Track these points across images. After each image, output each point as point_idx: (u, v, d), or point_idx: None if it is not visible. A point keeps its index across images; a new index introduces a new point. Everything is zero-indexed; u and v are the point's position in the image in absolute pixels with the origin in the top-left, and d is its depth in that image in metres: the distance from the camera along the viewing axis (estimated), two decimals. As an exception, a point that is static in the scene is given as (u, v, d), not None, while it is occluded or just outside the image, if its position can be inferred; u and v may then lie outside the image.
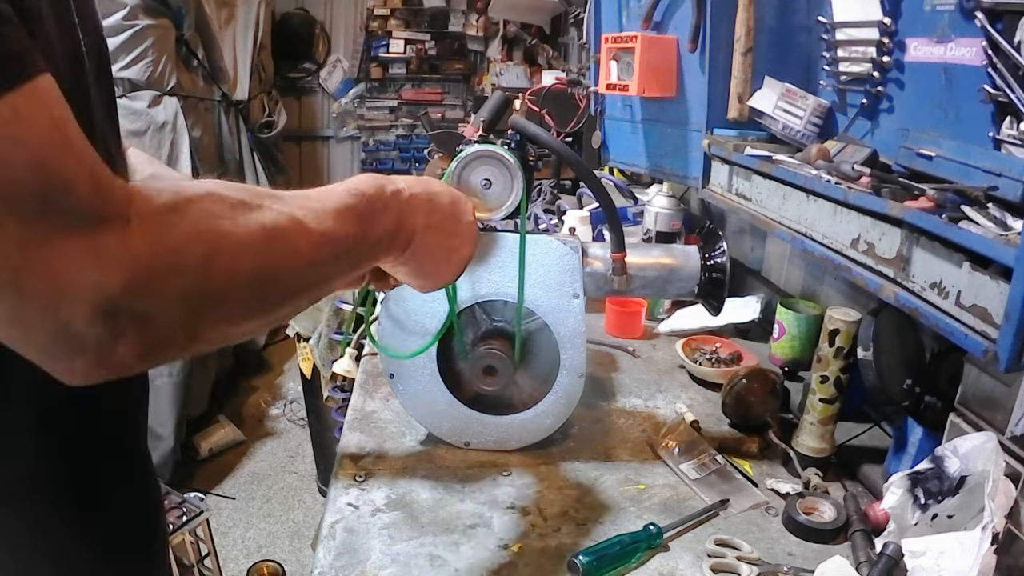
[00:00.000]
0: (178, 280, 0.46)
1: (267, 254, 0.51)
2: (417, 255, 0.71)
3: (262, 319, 0.54)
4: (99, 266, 0.42)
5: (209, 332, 0.50)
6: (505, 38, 4.93)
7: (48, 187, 0.41)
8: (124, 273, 0.43)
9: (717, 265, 1.00)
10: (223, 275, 0.48)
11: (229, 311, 0.51)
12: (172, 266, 0.46)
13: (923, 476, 0.82)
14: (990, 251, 0.71)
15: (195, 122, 3.19)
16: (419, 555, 0.86)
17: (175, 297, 0.46)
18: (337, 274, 0.61)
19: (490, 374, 0.99)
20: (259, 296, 0.52)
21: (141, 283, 0.44)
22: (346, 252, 0.60)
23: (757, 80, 1.27)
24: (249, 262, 0.50)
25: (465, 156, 0.91)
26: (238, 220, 0.49)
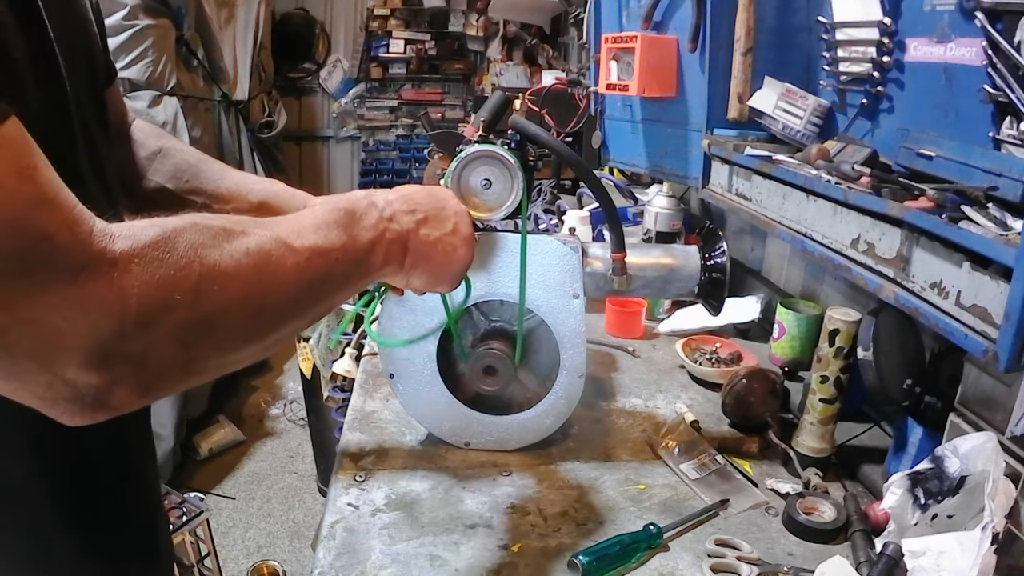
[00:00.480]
0: (170, 317, 0.45)
1: (256, 278, 0.51)
2: (419, 258, 0.70)
3: (257, 345, 0.54)
4: (88, 315, 0.42)
5: (204, 364, 0.50)
6: (505, 38, 4.93)
7: (26, 244, 0.40)
8: (115, 318, 0.43)
9: (717, 265, 1.00)
10: (214, 305, 0.48)
11: (223, 341, 0.50)
12: (163, 303, 0.45)
13: (923, 476, 0.82)
14: (990, 251, 0.71)
15: (195, 122, 3.19)
16: (419, 555, 0.86)
17: (168, 334, 0.45)
18: (330, 291, 0.60)
19: (490, 374, 0.99)
20: (252, 322, 0.52)
21: (133, 325, 0.43)
22: (334, 266, 0.59)
23: (757, 80, 1.27)
24: (239, 289, 0.49)
25: (465, 156, 0.91)
26: (223, 248, 0.49)
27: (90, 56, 0.67)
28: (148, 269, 0.44)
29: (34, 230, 0.40)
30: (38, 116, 0.54)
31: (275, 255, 0.52)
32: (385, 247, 0.65)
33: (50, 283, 0.40)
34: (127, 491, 0.75)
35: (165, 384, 0.48)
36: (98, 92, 0.69)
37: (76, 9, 0.63)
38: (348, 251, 0.60)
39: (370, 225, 0.63)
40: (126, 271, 0.43)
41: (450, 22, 5.01)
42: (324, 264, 0.57)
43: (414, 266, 0.70)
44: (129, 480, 0.76)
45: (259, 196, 0.85)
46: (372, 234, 0.63)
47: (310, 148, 5.27)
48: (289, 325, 0.56)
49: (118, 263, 0.43)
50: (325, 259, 0.57)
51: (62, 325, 0.41)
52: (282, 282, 0.53)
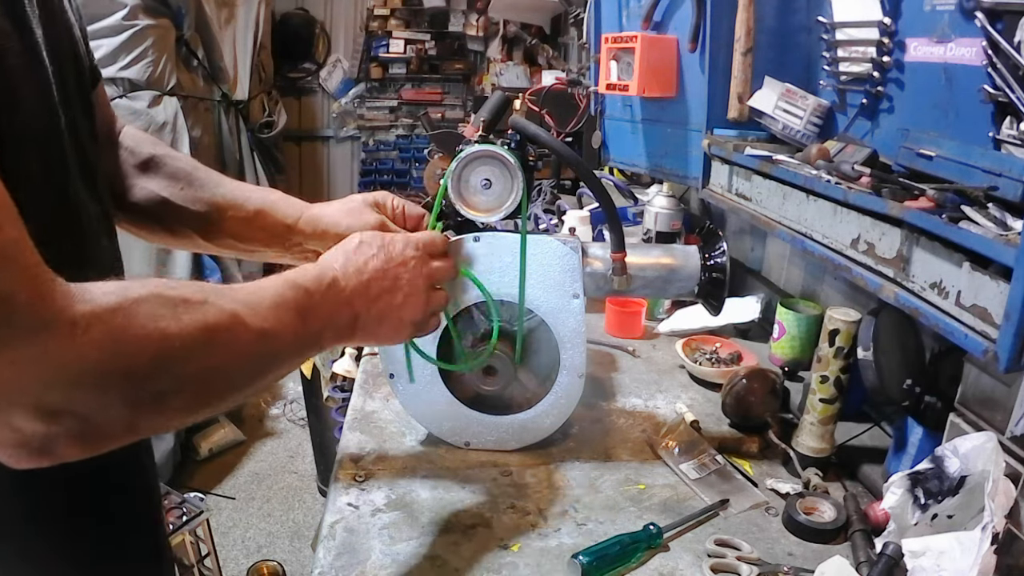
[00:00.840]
0: (124, 383, 0.47)
1: (210, 354, 0.53)
2: (366, 335, 0.74)
3: (204, 412, 0.56)
4: (43, 372, 0.43)
5: (149, 425, 0.52)
6: (505, 38, 4.93)
7: None
8: (69, 377, 0.44)
9: (717, 265, 1.00)
10: (168, 377, 0.50)
11: (171, 408, 0.52)
12: (120, 371, 0.47)
13: (923, 476, 0.82)
14: (990, 251, 0.71)
15: (195, 122, 3.19)
16: (419, 555, 0.86)
17: (119, 399, 0.47)
18: (280, 365, 0.63)
19: (491, 374, 0.99)
20: (202, 393, 0.54)
21: (86, 387, 0.45)
22: (287, 346, 0.62)
23: (757, 80, 1.27)
24: (193, 364, 0.51)
25: (465, 156, 0.91)
26: (182, 320, 0.50)
27: (75, 59, 0.67)
28: (109, 333, 0.46)
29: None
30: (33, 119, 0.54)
31: (230, 332, 0.54)
32: (334, 331, 0.69)
33: (9, 339, 0.41)
34: (130, 493, 0.75)
35: (109, 440, 0.49)
36: (85, 95, 0.69)
37: (59, 12, 0.63)
38: (299, 335, 0.63)
39: (323, 314, 0.66)
40: (86, 332, 0.45)
41: (450, 22, 5.01)
42: (274, 346, 0.60)
43: (360, 340, 0.75)
44: (132, 482, 0.76)
45: (256, 204, 0.86)
46: (322, 323, 0.66)
47: (310, 148, 5.27)
48: (236, 395, 0.59)
49: (78, 325, 0.44)
50: (276, 342, 0.60)
51: (16, 378, 0.42)
52: (234, 358, 0.56)
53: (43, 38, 0.56)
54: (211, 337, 0.52)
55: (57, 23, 0.61)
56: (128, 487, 0.76)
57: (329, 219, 0.88)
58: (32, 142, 0.52)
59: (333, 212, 0.88)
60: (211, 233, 0.86)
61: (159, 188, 0.83)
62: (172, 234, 0.86)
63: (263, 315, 0.58)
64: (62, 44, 0.62)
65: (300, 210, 0.88)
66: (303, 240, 0.88)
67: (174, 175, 0.84)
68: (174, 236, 0.86)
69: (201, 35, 3.32)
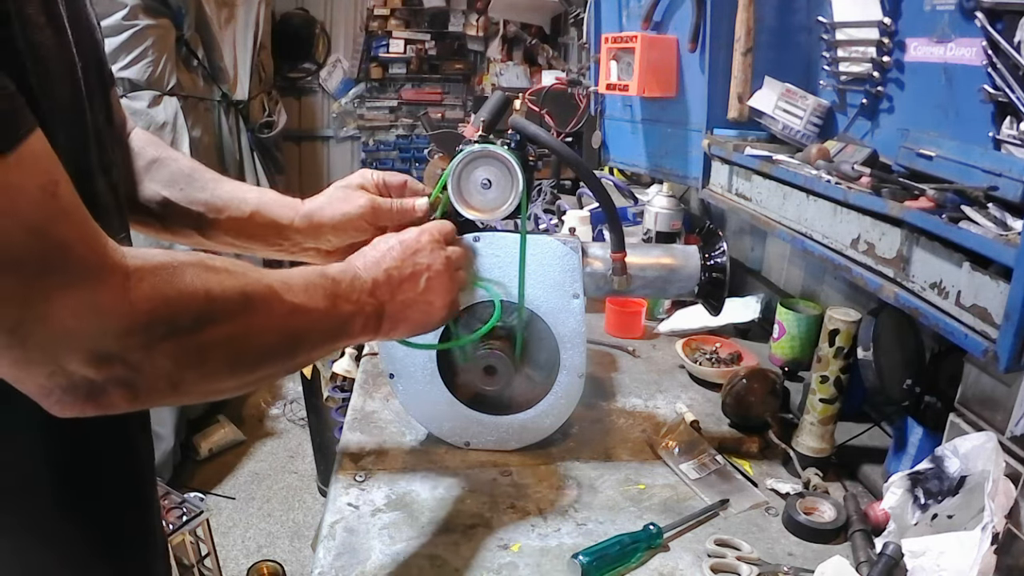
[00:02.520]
0: (171, 335, 0.50)
1: (247, 320, 0.56)
2: (396, 323, 0.77)
3: (239, 379, 0.59)
4: (98, 317, 0.46)
5: (190, 386, 0.55)
6: (505, 38, 4.93)
7: (46, 251, 0.43)
8: (122, 324, 0.47)
9: (717, 265, 1.00)
10: (210, 335, 0.53)
11: (210, 367, 0.55)
12: (167, 321, 0.50)
13: (923, 476, 0.82)
14: (990, 251, 0.71)
15: (195, 122, 3.19)
16: (419, 555, 0.86)
17: (166, 350, 0.50)
18: (309, 346, 0.66)
19: (491, 374, 0.99)
20: (238, 357, 0.57)
21: (137, 334, 0.48)
22: (315, 325, 0.66)
23: (757, 80, 1.27)
24: (231, 325, 0.55)
25: (465, 156, 0.91)
26: (224, 283, 0.54)
27: (98, 58, 0.68)
28: (158, 287, 0.49)
29: (55, 239, 0.44)
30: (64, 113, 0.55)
31: (266, 302, 0.58)
32: (363, 319, 0.72)
33: (66, 286, 0.44)
34: (126, 476, 0.75)
35: (153, 396, 0.52)
36: (106, 93, 0.70)
37: (84, 11, 0.64)
38: (329, 316, 0.67)
39: (352, 299, 0.70)
40: (138, 284, 0.48)
41: (450, 22, 5.01)
42: (307, 321, 0.64)
43: (392, 330, 0.78)
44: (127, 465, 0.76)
45: (252, 205, 0.87)
46: (352, 307, 0.70)
47: (310, 148, 5.26)
48: (268, 368, 0.62)
49: (131, 276, 0.47)
50: (308, 317, 0.64)
51: (73, 324, 0.45)
52: (269, 327, 0.59)
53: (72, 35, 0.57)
54: (249, 302, 0.56)
55: (81, 23, 0.62)
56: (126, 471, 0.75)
57: (321, 212, 0.89)
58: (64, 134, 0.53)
59: (324, 203, 0.89)
60: (210, 233, 0.87)
61: (161, 189, 0.84)
62: (173, 233, 0.87)
63: (296, 291, 0.62)
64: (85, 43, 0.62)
65: (294, 210, 0.89)
66: (301, 239, 0.89)
67: (174, 176, 0.85)
68: (175, 235, 0.87)
69: (201, 35, 3.32)
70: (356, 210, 0.88)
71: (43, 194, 0.43)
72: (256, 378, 0.61)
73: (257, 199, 0.88)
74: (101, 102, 0.67)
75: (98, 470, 0.70)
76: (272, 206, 0.88)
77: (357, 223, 0.88)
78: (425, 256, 0.80)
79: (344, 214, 0.88)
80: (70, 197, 0.45)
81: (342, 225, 0.88)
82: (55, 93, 0.54)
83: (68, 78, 0.56)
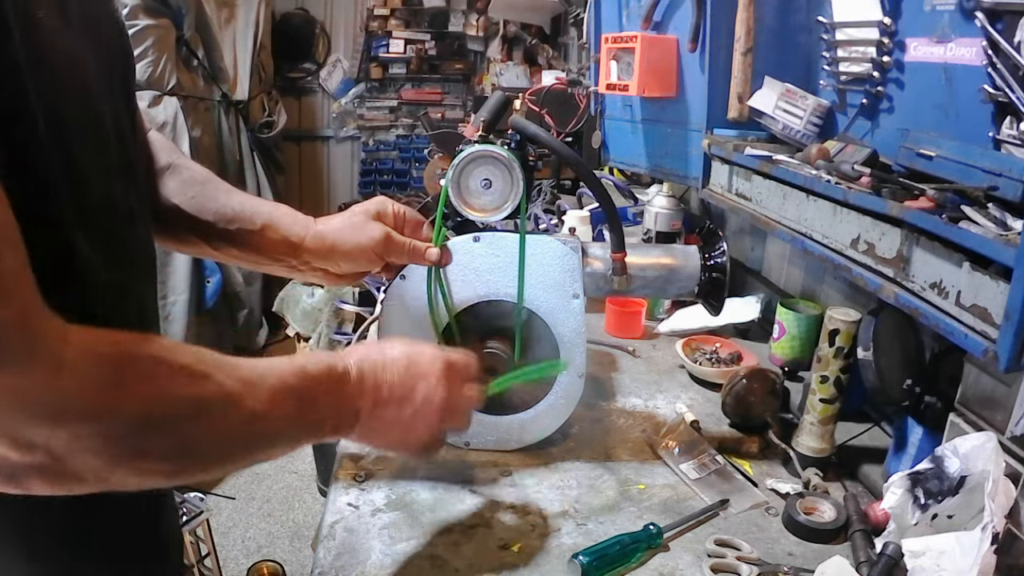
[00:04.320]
0: (102, 434, 0.47)
1: (196, 425, 0.52)
2: (367, 435, 0.72)
3: (182, 479, 0.55)
4: (22, 405, 0.43)
5: (120, 479, 0.51)
6: (505, 38, 4.93)
7: None
8: (47, 414, 0.44)
9: (717, 265, 1.00)
10: (148, 439, 0.49)
11: (146, 468, 0.51)
12: (97, 421, 0.46)
13: (923, 476, 0.82)
14: (990, 251, 0.71)
15: (195, 122, 3.20)
16: (419, 555, 0.86)
17: (94, 448, 0.47)
18: (270, 447, 0.62)
19: (490, 374, 0.99)
20: (178, 461, 0.53)
21: (64, 427, 0.45)
22: (280, 431, 0.61)
23: (757, 80, 1.27)
24: (177, 432, 0.51)
25: (465, 156, 0.91)
26: (174, 387, 0.50)
27: (126, 55, 0.67)
28: (94, 382, 0.46)
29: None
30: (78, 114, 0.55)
31: (221, 409, 0.54)
32: (334, 423, 0.67)
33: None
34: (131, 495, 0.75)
35: (78, 485, 0.49)
36: (131, 93, 0.70)
37: (108, 10, 0.64)
38: (295, 422, 0.62)
39: (326, 403, 0.65)
40: (72, 375, 0.44)
41: (450, 22, 5.01)
42: (266, 429, 0.59)
43: (362, 438, 0.72)
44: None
45: (264, 219, 0.86)
46: (322, 414, 0.65)
47: (310, 148, 5.27)
48: (218, 469, 0.59)
49: (65, 365, 0.44)
50: (268, 425, 0.59)
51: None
52: (218, 436, 0.55)
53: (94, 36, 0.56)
54: (200, 410, 0.52)
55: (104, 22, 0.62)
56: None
57: (335, 236, 0.88)
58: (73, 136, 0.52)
59: (338, 228, 0.88)
60: (218, 244, 0.86)
61: (171, 194, 0.83)
62: (179, 240, 0.86)
63: (261, 397, 0.57)
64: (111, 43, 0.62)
65: (306, 228, 0.88)
66: (311, 258, 0.88)
67: (187, 183, 0.84)
68: (181, 242, 0.86)
69: (201, 35, 3.32)
70: (369, 241, 0.87)
71: None
72: (198, 478, 0.57)
73: (269, 213, 0.87)
74: (125, 103, 0.66)
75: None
76: (284, 221, 0.87)
77: (369, 253, 0.88)
78: (427, 387, 0.72)
79: (357, 243, 0.87)
80: (12, 272, 0.42)
81: (354, 253, 0.88)
82: (66, 95, 0.53)
83: (83, 79, 0.56)
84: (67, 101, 0.53)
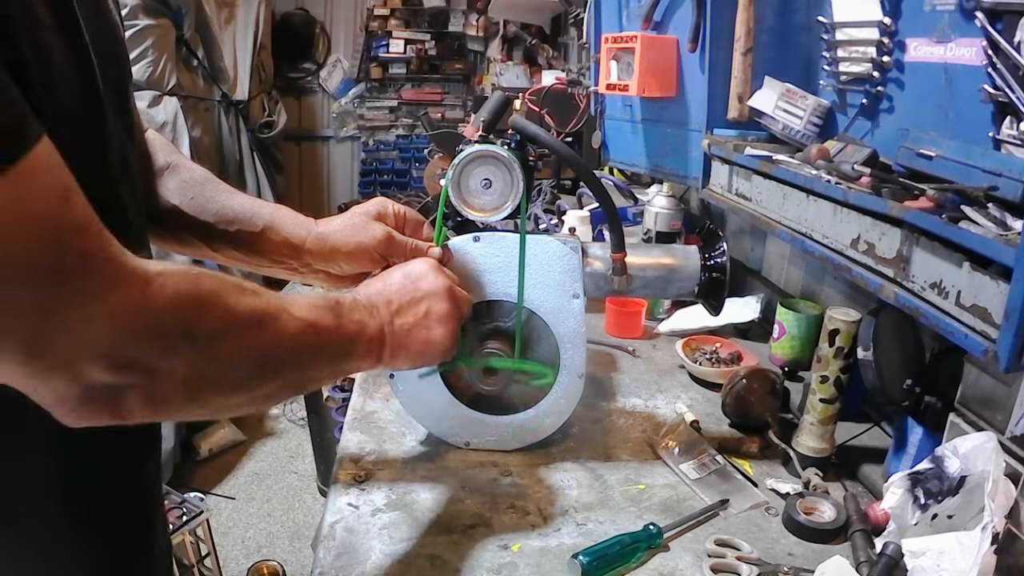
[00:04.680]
0: (188, 343, 0.51)
1: (261, 333, 0.58)
2: (397, 349, 0.77)
3: (251, 393, 0.60)
4: (117, 323, 0.46)
5: (207, 396, 0.55)
6: (505, 38, 4.93)
7: (63, 259, 0.43)
8: (140, 328, 0.47)
9: (717, 265, 1.00)
10: (226, 345, 0.54)
11: (226, 379, 0.56)
12: (185, 330, 0.50)
13: (923, 476, 0.82)
14: (990, 251, 0.71)
15: (195, 122, 3.20)
16: (419, 555, 0.86)
17: (184, 357, 0.51)
18: (318, 363, 0.67)
19: (491, 374, 0.99)
20: (253, 370, 0.58)
21: (156, 338, 0.48)
22: (324, 341, 0.66)
23: (757, 80, 1.27)
24: (247, 338, 0.56)
25: (465, 156, 0.91)
26: (240, 298, 0.56)
27: (119, 60, 0.67)
28: (177, 294, 0.50)
29: (71, 247, 0.43)
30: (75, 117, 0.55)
31: (278, 318, 0.59)
32: (366, 340, 0.72)
33: (85, 293, 0.44)
34: (126, 486, 0.75)
35: (169, 406, 0.53)
36: (126, 96, 0.69)
37: (106, 12, 0.64)
38: (336, 333, 0.68)
39: (355, 319, 0.71)
40: (159, 290, 0.48)
41: (450, 22, 5.02)
42: (316, 336, 0.65)
43: (393, 356, 0.77)
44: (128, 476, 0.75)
45: (264, 220, 0.86)
46: (355, 327, 0.71)
47: (310, 148, 5.27)
48: (279, 382, 0.62)
49: (151, 281, 0.48)
50: (317, 332, 0.65)
51: (92, 330, 0.45)
52: (282, 341, 0.60)
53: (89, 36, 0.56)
54: (263, 317, 0.58)
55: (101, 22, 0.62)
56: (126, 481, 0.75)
57: (337, 237, 0.87)
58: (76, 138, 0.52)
59: (340, 229, 0.88)
60: (217, 245, 0.85)
61: (170, 195, 0.82)
62: (179, 243, 0.85)
63: (305, 310, 0.63)
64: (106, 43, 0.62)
65: (308, 229, 0.88)
66: (312, 260, 0.88)
67: (186, 184, 0.84)
68: (180, 244, 0.86)
69: (201, 35, 3.32)
70: (371, 241, 0.87)
71: (57, 202, 0.43)
72: (267, 392, 0.61)
73: (270, 215, 0.87)
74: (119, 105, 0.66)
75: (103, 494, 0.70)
76: (286, 223, 0.87)
77: (371, 253, 0.88)
78: (427, 283, 0.80)
79: (359, 243, 0.87)
80: (83, 205, 0.45)
81: (356, 253, 0.87)
82: (65, 97, 0.53)
83: (81, 80, 0.55)
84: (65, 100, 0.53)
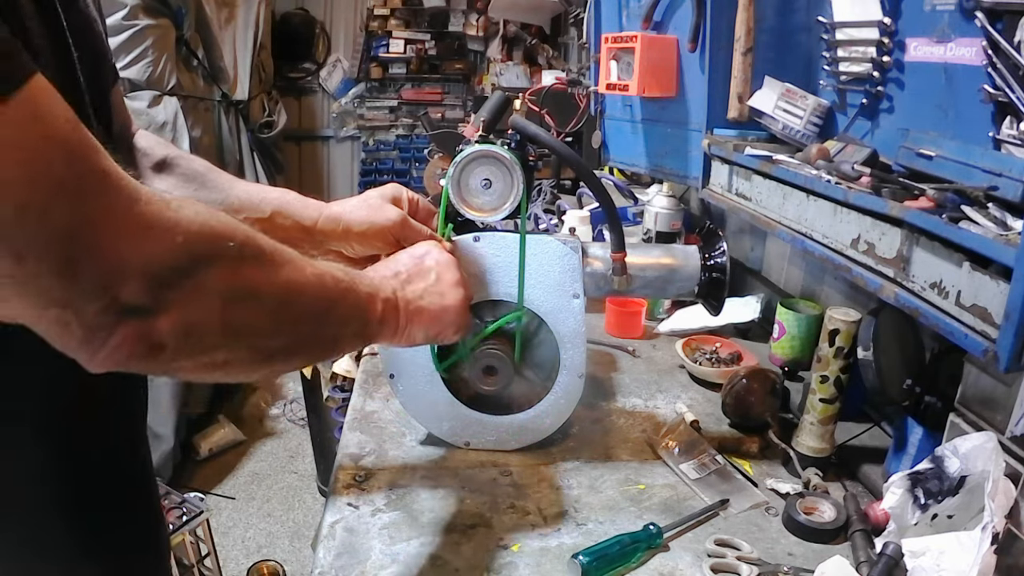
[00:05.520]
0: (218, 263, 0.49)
1: (282, 271, 0.55)
2: (412, 316, 0.75)
3: (280, 339, 0.56)
4: (146, 238, 0.44)
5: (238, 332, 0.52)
6: (505, 38, 4.92)
7: (85, 175, 0.42)
8: (170, 245, 0.46)
9: (717, 265, 1.00)
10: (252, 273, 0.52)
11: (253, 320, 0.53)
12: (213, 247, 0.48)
13: (923, 476, 0.82)
14: (990, 251, 0.71)
15: (195, 122, 3.19)
16: (419, 555, 0.86)
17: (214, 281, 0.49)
18: (336, 320, 0.64)
19: (490, 374, 0.99)
20: (278, 310, 0.55)
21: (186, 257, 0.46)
22: (342, 297, 0.64)
23: (757, 80, 1.27)
24: (270, 272, 0.54)
25: (465, 156, 0.91)
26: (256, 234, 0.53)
27: (96, 54, 0.66)
28: (197, 214, 0.48)
29: (93, 166, 0.42)
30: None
31: (294, 258, 0.57)
32: (381, 302, 0.70)
33: (110, 209, 0.43)
34: (127, 489, 0.75)
35: (202, 336, 0.49)
36: (103, 91, 0.69)
37: (81, 6, 0.63)
38: (350, 289, 0.65)
39: (365, 283, 0.69)
40: (179, 209, 0.47)
41: (450, 22, 5.01)
42: (336, 288, 0.63)
43: (409, 323, 0.75)
44: (129, 478, 0.76)
45: (272, 205, 0.85)
46: (369, 289, 0.69)
47: (310, 148, 5.26)
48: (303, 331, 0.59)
49: (171, 201, 0.46)
50: (336, 285, 0.63)
51: (123, 247, 0.43)
52: (303, 283, 0.58)
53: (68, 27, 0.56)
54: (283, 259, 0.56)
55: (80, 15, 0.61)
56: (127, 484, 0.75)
57: (351, 216, 0.87)
58: None
59: (354, 209, 0.88)
60: None
61: (172, 188, 0.82)
62: None
63: (320, 266, 0.61)
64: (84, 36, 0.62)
65: (319, 210, 0.87)
66: (324, 240, 0.88)
67: (188, 176, 0.83)
68: None
69: (201, 35, 3.32)
70: (386, 222, 0.87)
71: (71, 124, 0.42)
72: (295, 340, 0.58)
73: (278, 199, 0.86)
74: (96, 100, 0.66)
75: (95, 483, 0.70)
76: (295, 206, 0.87)
77: (385, 235, 0.87)
78: (432, 257, 0.80)
79: (373, 223, 0.87)
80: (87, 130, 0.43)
81: (369, 234, 0.87)
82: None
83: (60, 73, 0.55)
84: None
